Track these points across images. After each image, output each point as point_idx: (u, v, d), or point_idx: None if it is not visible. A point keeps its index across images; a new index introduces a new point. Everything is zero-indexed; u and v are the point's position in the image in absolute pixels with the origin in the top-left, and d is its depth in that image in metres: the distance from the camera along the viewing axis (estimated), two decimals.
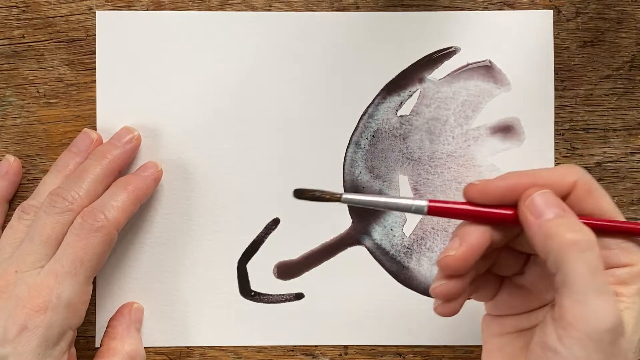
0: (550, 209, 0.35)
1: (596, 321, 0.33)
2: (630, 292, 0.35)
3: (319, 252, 0.48)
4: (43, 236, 0.42)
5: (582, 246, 0.34)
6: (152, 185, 0.46)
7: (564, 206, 0.36)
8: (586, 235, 0.34)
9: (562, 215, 0.35)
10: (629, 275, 0.36)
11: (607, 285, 0.34)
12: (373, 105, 0.47)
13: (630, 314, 0.35)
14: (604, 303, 0.33)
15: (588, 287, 0.34)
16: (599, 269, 0.34)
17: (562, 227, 0.35)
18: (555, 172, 0.37)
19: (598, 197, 0.36)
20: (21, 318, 0.40)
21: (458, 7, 0.47)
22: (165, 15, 0.47)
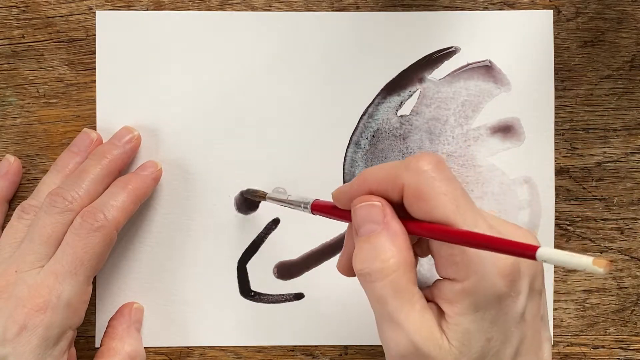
0: (363, 226, 0.35)
1: (389, 349, 0.35)
2: (453, 312, 0.34)
3: (319, 252, 0.48)
4: (43, 236, 0.42)
5: (369, 278, 0.34)
6: (151, 184, 0.46)
7: (377, 219, 0.35)
8: (376, 265, 0.34)
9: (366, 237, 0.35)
10: (452, 292, 0.34)
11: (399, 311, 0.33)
12: (373, 105, 0.47)
13: (453, 336, 0.34)
14: (392, 332, 0.34)
15: (379, 316, 0.35)
16: (388, 296, 0.34)
17: (357, 254, 0.35)
18: (389, 173, 0.35)
19: (426, 203, 0.33)
20: (21, 318, 0.40)
21: (458, 7, 0.47)
22: (165, 15, 0.47)
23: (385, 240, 0.34)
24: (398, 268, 0.34)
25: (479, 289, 0.33)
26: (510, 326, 0.34)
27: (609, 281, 0.48)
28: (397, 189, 0.35)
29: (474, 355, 0.34)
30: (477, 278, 0.33)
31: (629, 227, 0.48)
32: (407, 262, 0.34)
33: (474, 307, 0.33)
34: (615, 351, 0.48)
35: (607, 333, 0.48)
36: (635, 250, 0.48)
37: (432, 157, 0.34)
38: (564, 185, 0.47)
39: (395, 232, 0.34)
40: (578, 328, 0.48)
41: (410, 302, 0.34)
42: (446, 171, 0.34)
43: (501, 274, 0.33)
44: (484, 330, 0.34)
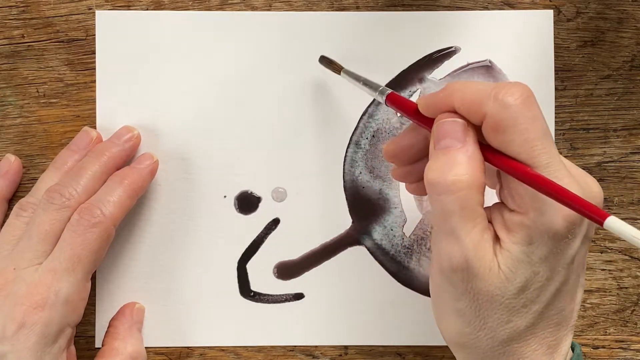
0: (444, 140, 0.36)
1: (441, 261, 0.36)
2: (508, 239, 0.35)
3: (319, 252, 0.48)
4: (41, 233, 0.42)
5: (439, 189, 0.35)
6: (148, 178, 0.46)
7: (459, 137, 0.35)
8: (449, 177, 0.34)
9: (445, 149, 0.35)
10: (512, 222, 0.35)
11: (461, 228, 0.35)
12: (373, 105, 0.47)
13: (503, 261, 0.35)
14: (449, 245, 0.35)
15: (440, 228, 0.36)
16: (454, 212, 0.34)
17: (431, 164, 0.36)
18: (476, 97, 0.35)
19: (503, 136, 0.34)
20: (19, 315, 0.40)
21: (458, 7, 0.47)
22: (165, 15, 0.47)
23: (463, 157, 0.35)
24: (470, 186, 0.34)
25: (537, 225, 0.34)
26: (558, 266, 0.35)
27: (609, 281, 0.48)
28: (479, 115, 0.35)
29: (518, 284, 0.35)
30: (537, 214, 0.34)
31: None
32: (479, 182, 0.35)
33: (528, 239, 0.34)
34: (615, 351, 0.48)
35: (607, 333, 0.48)
36: (635, 250, 0.48)
37: (521, 91, 0.34)
38: None
39: (473, 153, 0.35)
40: (578, 328, 0.48)
41: (473, 221, 0.35)
42: (532, 109, 0.34)
43: (563, 215, 0.34)
44: (534, 264, 0.35)
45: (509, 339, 0.36)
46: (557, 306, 0.36)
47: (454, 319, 0.37)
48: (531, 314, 0.36)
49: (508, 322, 0.36)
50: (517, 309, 0.35)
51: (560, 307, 0.36)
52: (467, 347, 0.37)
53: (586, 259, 0.38)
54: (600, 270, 0.48)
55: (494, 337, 0.36)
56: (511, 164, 0.34)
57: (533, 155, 0.34)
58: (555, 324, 0.37)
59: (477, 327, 0.36)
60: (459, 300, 0.36)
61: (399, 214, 0.47)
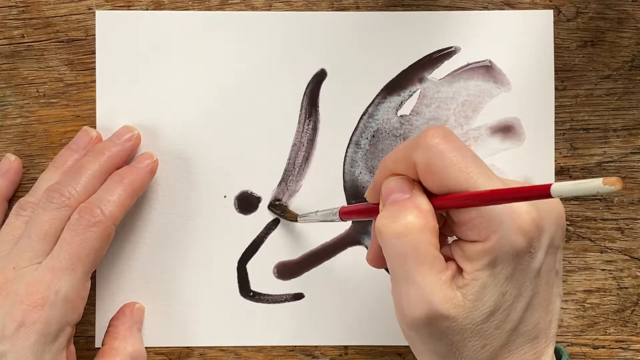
0: (391, 195, 0.37)
1: (402, 308, 0.36)
2: (472, 268, 0.35)
3: (319, 252, 0.47)
4: (40, 232, 0.42)
5: (389, 234, 0.35)
6: (147, 177, 0.46)
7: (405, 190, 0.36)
8: (400, 223, 0.35)
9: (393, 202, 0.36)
10: (474, 251, 0.35)
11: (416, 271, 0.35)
12: (373, 105, 0.47)
13: (469, 290, 0.35)
14: (407, 290, 0.35)
15: (397, 275, 0.36)
16: (408, 255, 0.35)
17: (381, 215, 0.36)
18: (403, 154, 0.36)
19: (438, 176, 0.35)
20: (19, 314, 0.40)
21: (458, 7, 0.47)
22: (165, 15, 0.47)
23: (411, 205, 0.36)
24: (421, 229, 0.35)
25: (499, 247, 0.34)
26: (525, 281, 0.35)
27: (609, 281, 0.48)
28: (411, 168, 0.36)
29: (486, 310, 0.35)
30: (497, 237, 0.34)
31: (629, 227, 0.48)
32: (429, 225, 0.35)
33: (492, 263, 0.35)
34: (615, 351, 0.48)
35: (607, 333, 0.48)
36: (635, 250, 0.48)
37: (438, 131, 0.35)
38: None
39: (421, 200, 0.36)
40: (578, 328, 0.48)
41: (430, 263, 0.35)
42: (454, 141, 0.35)
43: (521, 231, 0.34)
44: (500, 285, 0.35)
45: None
46: (531, 321, 0.36)
47: (429, 356, 0.37)
48: (505, 333, 0.36)
49: (483, 347, 0.36)
50: (489, 332, 0.35)
51: (533, 321, 0.36)
52: None
53: (560, 267, 0.38)
54: (600, 270, 0.48)
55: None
56: (457, 197, 0.35)
57: (473, 181, 0.34)
58: (532, 338, 0.37)
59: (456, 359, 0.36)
60: (427, 343, 0.36)
61: None
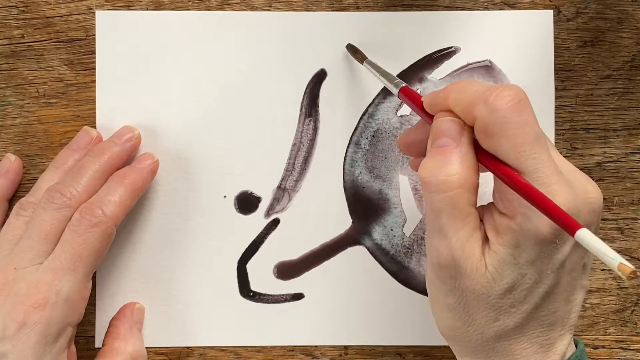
0: (439, 139, 0.36)
1: (432, 257, 0.37)
2: (496, 240, 0.35)
3: (319, 252, 0.47)
4: (41, 233, 0.42)
5: (430, 187, 0.36)
6: (148, 177, 0.46)
7: (454, 137, 0.36)
8: (440, 177, 0.35)
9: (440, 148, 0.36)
10: (501, 225, 0.35)
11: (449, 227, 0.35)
12: (373, 105, 0.47)
13: (490, 261, 0.35)
14: (438, 242, 0.36)
15: (431, 225, 0.36)
16: (443, 211, 0.35)
17: (425, 162, 0.36)
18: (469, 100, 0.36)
19: (492, 141, 0.35)
20: (20, 315, 0.40)
21: (458, 7, 0.47)
22: (165, 15, 0.47)
23: (456, 157, 0.36)
24: (460, 186, 0.35)
25: (524, 230, 0.35)
26: (546, 269, 0.35)
27: (609, 281, 0.48)
28: (470, 117, 0.36)
29: (504, 285, 0.35)
30: (524, 219, 0.34)
31: (629, 227, 0.48)
32: (469, 182, 0.35)
33: (515, 242, 0.35)
34: (615, 351, 0.48)
35: (607, 333, 0.48)
36: (635, 250, 0.48)
37: (513, 95, 0.35)
38: None
39: (467, 153, 0.36)
40: (578, 328, 0.48)
41: (462, 221, 0.35)
42: (523, 113, 0.35)
43: (550, 222, 0.34)
44: (520, 266, 0.35)
45: (498, 337, 0.37)
46: (548, 307, 0.37)
47: (446, 313, 0.38)
48: (519, 314, 0.36)
49: (496, 321, 0.36)
50: (504, 308, 0.36)
51: (552, 308, 0.37)
52: (458, 340, 0.38)
53: (590, 261, 0.38)
54: (600, 270, 0.48)
55: (482, 333, 0.37)
56: (499, 168, 0.35)
57: (520, 161, 0.34)
58: (548, 324, 0.37)
59: (466, 323, 0.37)
60: (448, 296, 0.37)
61: (399, 214, 0.47)
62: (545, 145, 0.35)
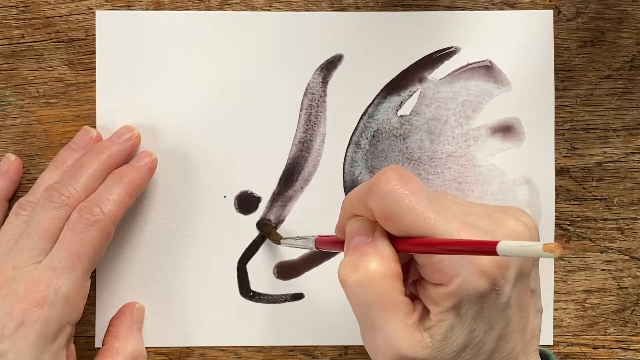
0: (353, 239, 0.36)
1: (372, 353, 0.36)
2: (437, 310, 0.34)
3: (319, 252, 0.47)
4: (40, 231, 0.42)
5: (352, 284, 0.35)
6: (147, 175, 0.46)
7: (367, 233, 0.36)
8: (361, 271, 0.35)
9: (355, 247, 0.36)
10: (438, 294, 0.34)
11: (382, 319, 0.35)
12: (373, 105, 0.47)
13: (437, 331, 0.34)
14: (374, 338, 0.35)
15: (363, 322, 0.36)
16: (372, 304, 0.35)
17: (343, 262, 0.36)
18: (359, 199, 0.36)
19: (397, 221, 0.34)
20: (19, 313, 0.40)
21: (458, 7, 0.47)
22: (165, 15, 0.47)
23: (372, 249, 0.35)
24: (383, 276, 0.35)
25: (462, 291, 0.34)
26: (494, 316, 0.35)
27: (609, 281, 0.48)
28: (369, 212, 0.36)
29: (456, 347, 0.35)
30: (459, 281, 0.34)
31: (629, 227, 0.48)
32: (391, 271, 0.35)
33: (457, 305, 0.34)
34: (615, 351, 0.48)
35: (607, 333, 0.48)
36: (635, 250, 0.48)
37: (392, 174, 0.35)
38: (564, 185, 0.47)
39: (382, 244, 0.36)
40: (578, 328, 0.48)
41: (394, 309, 0.35)
42: (409, 184, 0.35)
43: (482, 273, 0.34)
44: (467, 324, 0.35)
45: None
46: (506, 347, 0.36)
47: None
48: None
49: None
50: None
51: (509, 347, 0.36)
52: None
53: (537, 284, 0.37)
54: (600, 270, 0.48)
55: None
56: (414, 242, 0.34)
57: (429, 227, 0.34)
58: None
59: None
60: None
61: None
62: (444, 203, 0.35)
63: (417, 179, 0.35)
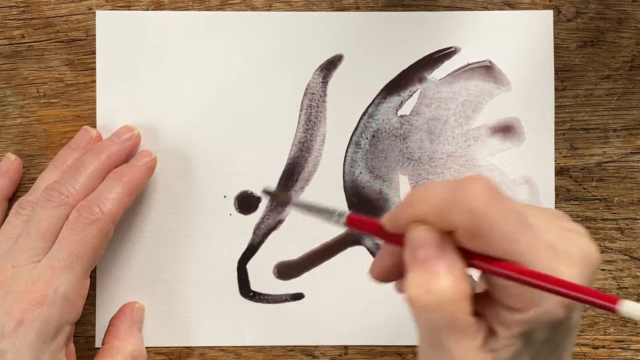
0: (420, 250, 0.32)
1: None
2: (506, 334, 0.32)
3: (319, 252, 0.47)
4: (40, 231, 0.42)
5: (422, 306, 0.32)
6: (146, 174, 0.46)
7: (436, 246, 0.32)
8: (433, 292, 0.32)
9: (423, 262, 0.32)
10: (510, 319, 0.32)
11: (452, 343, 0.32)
12: (373, 105, 0.47)
13: (502, 355, 0.33)
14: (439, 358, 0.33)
15: (428, 343, 0.33)
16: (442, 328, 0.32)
17: (411, 279, 0.33)
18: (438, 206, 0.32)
19: (481, 242, 0.31)
20: (18, 313, 0.40)
21: (458, 7, 0.47)
22: (165, 15, 0.47)
23: (443, 268, 0.32)
24: (455, 298, 0.32)
25: (538, 320, 0.32)
26: (559, 340, 0.34)
27: (609, 281, 0.48)
28: (447, 225, 0.32)
29: None
30: (538, 310, 0.32)
31: (629, 227, 0.48)
32: (463, 292, 0.32)
33: (528, 331, 0.33)
34: (615, 351, 0.48)
35: (607, 333, 0.48)
36: (635, 250, 0.48)
37: (480, 187, 0.31)
38: (564, 185, 0.47)
39: (454, 261, 0.32)
40: (578, 328, 0.48)
41: (464, 332, 0.32)
42: (499, 201, 0.32)
43: (564, 304, 0.32)
44: (535, 348, 0.33)
45: None
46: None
47: None
48: None
49: None
50: None
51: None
52: None
53: None
54: (600, 270, 0.48)
55: None
56: (499, 265, 0.32)
57: (518, 253, 0.31)
58: None
59: None
60: None
61: None
62: (528, 222, 0.32)
63: (502, 191, 0.32)
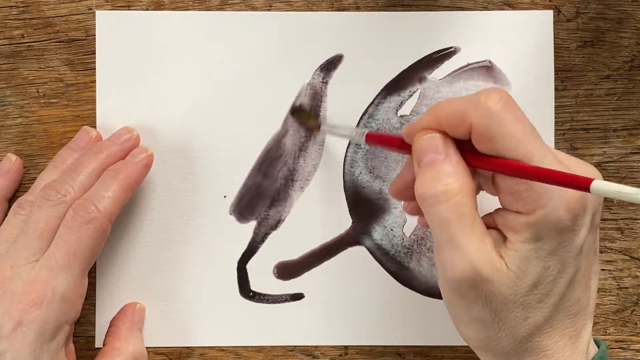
0: (426, 156, 0.36)
1: (446, 272, 0.36)
2: (515, 239, 0.35)
3: (319, 252, 0.48)
4: (37, 230, 0.42)
5: (431, 201, 0.36)
6: (143, 171, 0.45)
7: (440, 150, 0.36)
8: (440, 188, 0.35)
9: (429, 164, 0.36)
10: (517, 223, 0.35)
11: (460, 234, 0.35)
12: (373, 105, 0.47)
13: (512, 260, 0.35)
14: (451, 254, 0.35)
15: (439, 238, 0.36)
16: (451, 220, 0.35)
17: (419, 181, 0.36)
18: (458, 110, 0.36)
19: (494, 143, 0.35)
20: (16, 313, 0.40)
21: (458, 7, 0.47)
22: (165, 15, 0.47)
23: (448, 167, 0.36)
24: (461, 192, 0.35)
25: (544, 222, 0.35)
26: (568, 257, 0.36)
27: (609, 281, 0.48)
28: (465, 127, 0.36)
29: (529, 281, 0.35)
30: (544, 212, 0.34)
31: (629, 227, 0.48)
32: (468, 187, 0.36)
33: (536, 237, 0.35)
34: (615, 351, 0.48)
35: (607, 333, 0.48)
36: (635, 250, 0.48)
37: (500, 95, 0.35)
38: None
39: (457, 161, 0.36)
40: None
41: (471, 226, 0.35)
42: (515, 110, 0.35)
43: (568, 208, 0.34)
44: (543, 259, 0.35)
45: (530, 335, 0.37)
46: (573, 297, 0.37)
47: (472, 326, 0.37)
48: (547, 308, 0.36)
49: (526, 319, 0.36)
50: (532, 304, 0.36)
51: (575, 297, 0.37)
52: (489, 349, 0.38)
53: (598, 245, 0.39)
54: (600, 270, 0.48)
55: (514, 335, 0.37)
56: (504, 163, 0.35)
57: (527, 154, 0.34)
58: (574, 314, 0.37)
59: (496, 330, 0.37)
60: (472, 309, 0.36)
61: (399, 214, 0.47)
62: (540, 136, 0.36)
63: (520, 107, 0.36)
